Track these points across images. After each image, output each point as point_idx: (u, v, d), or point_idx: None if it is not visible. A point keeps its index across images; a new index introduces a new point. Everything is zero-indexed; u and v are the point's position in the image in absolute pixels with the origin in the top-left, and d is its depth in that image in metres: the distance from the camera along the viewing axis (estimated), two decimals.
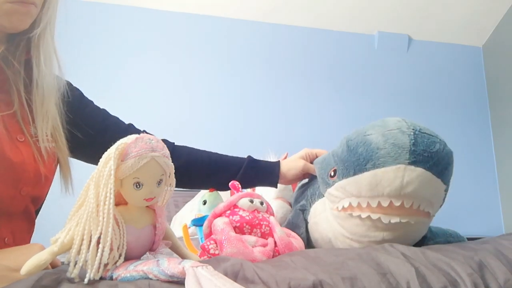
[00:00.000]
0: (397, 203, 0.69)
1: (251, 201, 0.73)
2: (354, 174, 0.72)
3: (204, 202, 0.95)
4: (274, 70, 2.62)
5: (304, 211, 0.92)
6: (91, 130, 0.90)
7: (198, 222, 0.88)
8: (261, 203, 0.75)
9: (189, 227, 0.92)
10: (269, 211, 0.77)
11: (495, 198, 2.69)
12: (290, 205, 1.14)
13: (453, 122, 2.77)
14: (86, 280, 0.49)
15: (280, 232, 0.70)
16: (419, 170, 0.67)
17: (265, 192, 1.16)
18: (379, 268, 0.52)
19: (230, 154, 2.52)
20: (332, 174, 0.79)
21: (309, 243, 0.89)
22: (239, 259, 0.55)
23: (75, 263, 0.50)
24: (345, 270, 0.51)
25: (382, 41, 2.79)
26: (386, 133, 0.70)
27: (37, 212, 0.83)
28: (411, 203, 0.70)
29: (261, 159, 1.42)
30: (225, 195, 0.94)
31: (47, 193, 0.83)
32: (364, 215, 0.72)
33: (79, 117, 0.89)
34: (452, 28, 2.78)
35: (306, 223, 0.90)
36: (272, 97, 2.58)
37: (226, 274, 0.48)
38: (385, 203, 0.70)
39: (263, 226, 0.71)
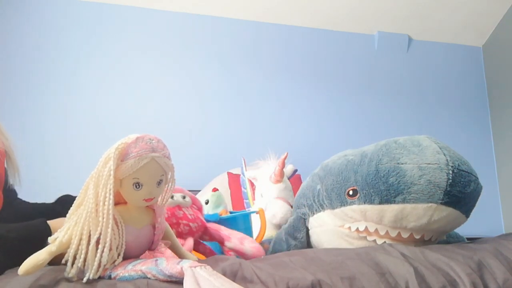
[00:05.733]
0: (417, 236, 0.68)
1: (171, 197, 0.68)
2: (380, 203, 0.67)
3: (207, 202, 0.95)
4: (273, 70, 2.62)
5: (305, 219, 0.90)
6: None
7: None
8: (183, 197, 0.70)
9: None
10: (195, 204, 0.72)
11: (495, 198, 2.68)
12: (291, 205, 1.13)
13: (453, 122, 2.76)
14: (84, 279, 0.49)
15: (234, 243, 0.67)
16: (449, 210, 0.66)
17: (266, 191, 1.16)
18: (378, 268, 0.52)
19: (230, 155, 2.51)
20: (351, 193, 0.73)
21: (309, 247, 0.88)
22: (237, 259, 0.55)
23: (73, 263, 0.50)
24: (343, 269, 0.51)
25: (382, 41, 2.79)
26: (423, 166, 0.65)
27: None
28: (430, 237, 0.69)
29: (261, 159, 1.42)
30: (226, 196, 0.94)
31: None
32: (379, 241, 0.70)
33: None
34: (452, 28, 2.78)
35: (307, 228, 0.89)
36: (272, 97, 2.57)
37: (224, 274, 0.48)
38: (405, 235, 0.68)
39: (182, 226, 0.67)
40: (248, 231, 0.88)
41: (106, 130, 2.25)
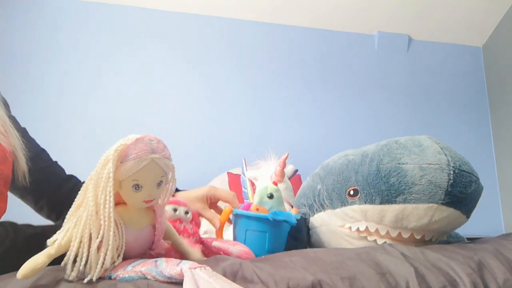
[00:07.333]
0: (418, 236, 0.68)
1: (175, 210, 0.68)
2: (381, 203, 0.67)
3: (271, 196, 0.87)
4: (273, 70, 2.62)
5: (305, 219, 0.90)
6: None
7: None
8: (186, 212, 0.70)
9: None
10: (194, 220, 0.73)
11: (495, 198, 2.68)
12: (291, 205, 1.13)
13: (453, 122, 2.76)
14: (85, 280, 0.49)
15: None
16: (450, 210, 0.66)
17: None
18: (378, 268, 0.52)
19: (230, 155, 2.51)
20: (352, 193, 0.73)
21: (309, 247, 0.88)
22: (238, 259, 0.54)
23: (73, 266, 0.50)
24: (344, 270, 0.51)
25: (382, 41, 2.79)
26: (424, 166, 0.65)
27: None
28: (431, 237, 0.70)
29: (262, 159, 1.42)
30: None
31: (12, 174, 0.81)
32: (380, 241, 0.70)
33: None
34: (452, 28, 2.77)
35: (308, 228, 0.89)
36: (271, 97, 2.58)
37: (224, 274, 0.48)
38: (405, 235, 0.68)
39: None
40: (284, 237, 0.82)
41: (106, 131, 2.25)
